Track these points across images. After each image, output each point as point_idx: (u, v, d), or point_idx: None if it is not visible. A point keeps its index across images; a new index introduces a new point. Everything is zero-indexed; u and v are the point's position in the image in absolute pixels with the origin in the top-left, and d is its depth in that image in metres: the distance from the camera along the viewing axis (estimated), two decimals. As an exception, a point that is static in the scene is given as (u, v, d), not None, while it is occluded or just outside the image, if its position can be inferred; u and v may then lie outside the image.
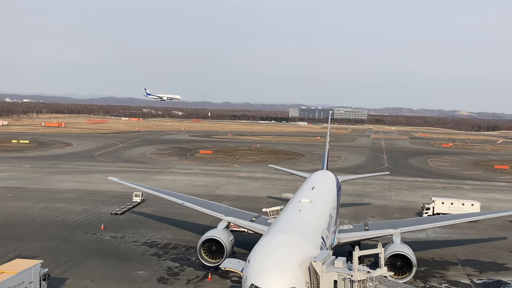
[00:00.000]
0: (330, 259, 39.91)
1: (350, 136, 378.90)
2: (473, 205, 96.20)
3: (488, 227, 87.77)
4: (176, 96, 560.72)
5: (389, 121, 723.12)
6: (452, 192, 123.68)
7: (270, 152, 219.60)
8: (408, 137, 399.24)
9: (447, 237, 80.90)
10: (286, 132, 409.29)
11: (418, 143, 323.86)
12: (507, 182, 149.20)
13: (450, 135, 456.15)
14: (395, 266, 54.88)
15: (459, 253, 72.44)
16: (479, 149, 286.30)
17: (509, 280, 61.00)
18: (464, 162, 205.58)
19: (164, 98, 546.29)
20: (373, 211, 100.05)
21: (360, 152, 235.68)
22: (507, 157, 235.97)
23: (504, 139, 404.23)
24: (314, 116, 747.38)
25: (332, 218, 59.57)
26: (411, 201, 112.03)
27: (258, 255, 40.45)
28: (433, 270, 64.13)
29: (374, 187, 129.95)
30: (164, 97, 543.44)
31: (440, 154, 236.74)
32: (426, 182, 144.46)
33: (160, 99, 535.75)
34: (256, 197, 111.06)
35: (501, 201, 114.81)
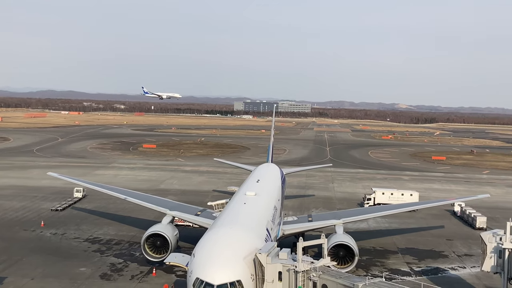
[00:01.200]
0: (274, 250, 40.31)
1: (294, 129, 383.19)
2: (412, 195, 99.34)
3: (426, 216, 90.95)
4: (175, 95, 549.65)
5: (331, 114, 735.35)
6: (392, 183, 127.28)
7: (215, 145, 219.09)
8: (350, 129, 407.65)
9: (387, 227, 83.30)
10: (231, 125, 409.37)
11: (360, 135, 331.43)
12: (444, 172, 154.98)
13: (389, 127, 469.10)
14: (338, 256, 56.07)
15: (399, 242, 74.74)
16: (417, 141, 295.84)
17: (447, 267, 63.50)
18: (403, 153, 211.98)
19: (164, 97, 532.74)
20: (316, 203, 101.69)
21: (304, 144, 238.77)
22: (444, 148, 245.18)
23: (440, 131, 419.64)
24: (259, 109, 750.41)
25: (277, 210, 60.15)
26: (353, 192, 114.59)
27: (203, 248, 40.42)
28: (375, 259, 65.92)
29: (318, 179, 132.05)
30: (164, 95, 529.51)
31: (381, 146, 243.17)
32: (367, 173, 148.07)
33: (158, 97, 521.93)
34: (201, 191, 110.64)
35: (438, 191, 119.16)
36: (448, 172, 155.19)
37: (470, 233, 79.67)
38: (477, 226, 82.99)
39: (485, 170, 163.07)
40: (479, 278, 58.77)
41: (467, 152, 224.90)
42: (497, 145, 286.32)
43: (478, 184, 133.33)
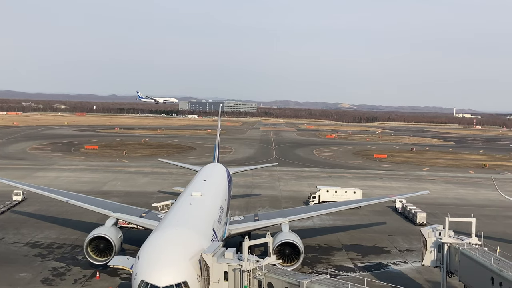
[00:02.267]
0: (220, 250, 40.22)
1: (240, 129, 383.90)
2: (355, 192, 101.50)
3: (369, 213, 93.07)
4: (172, 99, 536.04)
5: (277, 114, 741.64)
6: (336, 181, 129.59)
7: (160, 146, 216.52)
8: (295, 129, 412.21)
9: (332, 224, 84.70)
10: (176, 125, 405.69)
11: (305, 134, 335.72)
12: (386, 170, 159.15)
13: (333, 126, 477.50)
14: (284, 254, 56.49)
15: (343, 238, 76.15)
16: (360, 139, 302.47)
17: (389, 263, 65.18)
18: (346, 152, 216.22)
19: (160, 101, 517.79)
20: (263, 202, 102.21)
21: (250, 144, 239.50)
22: (385, 146, 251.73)
23: (382, 130, 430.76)
24: (204, 109, 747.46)
25: (223, 210, 60.05)
26: (299, 191, 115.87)
27: (148, 250, 39.85)
28: (320, 256, 66.88)
29: (264, 178, 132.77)
30: (160, 100, 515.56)
31: (325, 145, 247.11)
32: (312, 171, 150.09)
33: (155, 101, 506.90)
34: (145, 192, 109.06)
35: (380, 188, 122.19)
36: (389, 170, 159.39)
37: (411, 229, 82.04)
38: (417, 221, 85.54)
39: (425, 168, 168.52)
40: (420, 272, 60.62)
41: (407, 150, 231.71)
42: (435, 143, 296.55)
43: (418, 181, 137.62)
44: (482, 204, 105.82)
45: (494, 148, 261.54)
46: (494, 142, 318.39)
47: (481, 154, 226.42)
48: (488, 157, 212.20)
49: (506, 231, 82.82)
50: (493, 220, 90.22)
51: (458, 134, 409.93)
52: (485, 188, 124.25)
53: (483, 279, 42.80)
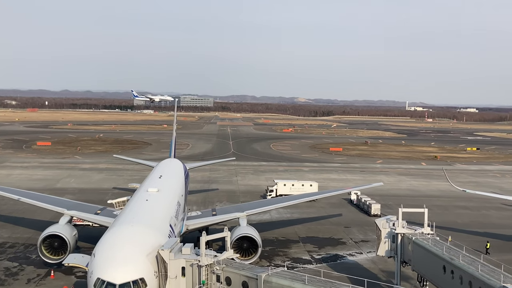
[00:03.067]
0: (177, 246, 39.99)
1: (197, 124, 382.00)
2: (312, 185, 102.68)
3: (325, 205, 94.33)
4: (167, 98, 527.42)
5: (234, 108, 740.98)
6: (293, 174, 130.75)
7: (114, 141, 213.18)
8: (252, 123, 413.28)
9: (289, 217, 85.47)
10: (131, 120, 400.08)
11: (262, 129, 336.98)
12: (341, 163, 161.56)
13: (290, 120, 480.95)
14: (242, 248, 56.72)
15: (300, 231, 76.98)
16: (316, 133, 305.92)
17: (345, 254, 66.30)
18: (303, 145, 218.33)
19: (156, 100, 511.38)
20: (220, 196, 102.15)
21: (207, 139, 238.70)
22: (341, 140, 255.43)
23: (337, 124, 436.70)
24: (160, 104, 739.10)
25: (181, 206, 59.70)
26: (256, 185, 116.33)
27: (104, 248, 39.30)
28: (277, 249, 67.42)
29: (221, 173, 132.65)
30: (156, 98, 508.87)
31: (282, 139, 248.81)
32: (269, 165, 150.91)
33: (150, 100, 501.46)
34: (100, 189, 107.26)
35: (336, 181, 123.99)
36: (344, 163, 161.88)
37: (366, 220, 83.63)
38: (372, 213, 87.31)
39: (379, 160, 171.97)
40: (375, 262, 61.93)
41: (362, 143, 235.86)
42: (389, 135, 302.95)
43: (372, 173, 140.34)
44: (434, 195, 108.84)
45: (445, 140, 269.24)
46: (445, 134, 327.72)
47: (433, 146, 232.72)
48: (439, 149, 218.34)
49: (457, 221, 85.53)
50: (444, 210, 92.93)
51: (410, 127, 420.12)
52: (437, 179, 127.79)
53: (436, 267, 44.06)
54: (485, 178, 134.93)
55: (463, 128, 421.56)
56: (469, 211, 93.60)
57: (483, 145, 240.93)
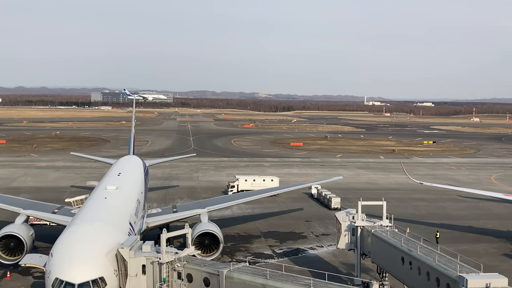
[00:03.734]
0: (137, 244, 39.52)
1: (157, 120, 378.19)
2: (273, 180, 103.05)
3: (286, 200, 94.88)
4: (161, 96, 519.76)
5: (194, 104, 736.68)
6: (254, 170, 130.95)
7: (72, 139, 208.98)
8: (213, 119, 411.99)
9: (250, 212, 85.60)
10: (88, 117, 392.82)
11: (222, 124, 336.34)
12: (302, 157, 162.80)
13: (250, 116, 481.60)
14: (204, 245, 56.42)
15: (262, 226, 77.21)
16: (276, 128, 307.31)
17: (306, 247, 66.85)
18: (264, 141, 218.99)
19: (150, 99, 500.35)
20: (181, 193, 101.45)
21: (167, 135, 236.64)
22: (301, 134, 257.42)
23: (297, 118, 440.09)
24: (118, 100, 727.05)
25: (140, 203, 58.98)
26: (217, 181, 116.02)
27: (62, 247, 38.55)
28: (239, 244, 67.45)
29: (182, 169, 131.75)
30: (149, 97, 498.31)
31: (243, 134, 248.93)
32: (230, 161, 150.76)
33: (143, 99, 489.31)
34: (58, 187, 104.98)
35: (297, 175, 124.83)
36: (305, 157, 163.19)
37: (326, 214, 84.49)
38: (332, 206, 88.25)
39: (338, 154, 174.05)
40: (336, 255, 62.66)
41: (321, 138, 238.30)
42: (348, 130, 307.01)
43: (332, 167, 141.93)
44: (392, 188, 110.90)
45: (402, 134, 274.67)
46: (402, 128, 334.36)
47: (390, 140, 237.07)
48: (397, 142, 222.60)
49: (415, 213, 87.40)
50: (402, 203, 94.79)
51: (369, 121, 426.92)
52: (395, 172, 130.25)
53: (394, 259, 44.85)
54: (441, 171, 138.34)
55: (420, 122, 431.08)
56: (426, 203, 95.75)
57: (439, 138, 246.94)
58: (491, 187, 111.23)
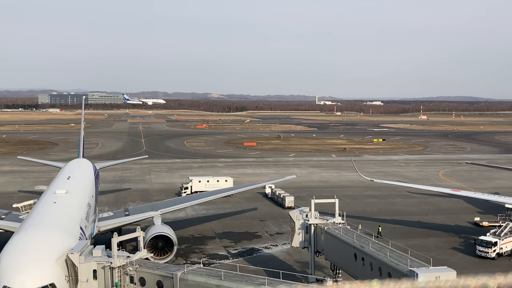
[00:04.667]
0: (88, 249, 38.70)
1: (107, 122, 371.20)
2: (227, 181, 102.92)
3: (241, 200, 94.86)
4: (160, 101, 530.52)
5: (146, 105, 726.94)
6: (208, 170, 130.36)
7: (18, 142, 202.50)
8: (165, 120, 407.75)
9: (205, 213, 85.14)
10: (36, 120, 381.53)
11: (175, 125, 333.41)
12: (255, 157, 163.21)
13: (203, 116, 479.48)
14: (157, 247, 55.76)
15: (216, 227, 76.92)
16: (230, 128, 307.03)
17: (261, 247, 67.00)
18: (217, 141, 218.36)
19: (149, 103, 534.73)
20: (133, 196, 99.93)
21: (117, 137, 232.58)
22: (254, 134, 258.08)
23: (250, 119, 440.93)
24: (66, 102, 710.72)
25: (91, 207, 57.78)
26: (170, 182, 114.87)
27: (10, 254, 37.35)
28: (193, 246, 66.96)
29: (134, 172, 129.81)
30: (149, 102, 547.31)
31: (196, 135, 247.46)
32: (183, 162, 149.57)
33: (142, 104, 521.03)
34: (4, 192, 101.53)
35: (251, 175, 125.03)
36: (259, 157, 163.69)
37: (280, 213, 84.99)
38: (286, 205, 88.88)
39: (291, 153, 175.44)
40: (290, 254, 63.07)
41: (274, 137, 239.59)
42: (300, 129, 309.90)
43: (285, 166, 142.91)
44: (344, 185, 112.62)
45: (353, 133, 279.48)
46: (353, 127, 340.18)
47: (342, 138, 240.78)
48: (348, 141, 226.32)
49: (366, 209, 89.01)
50: (354, 200, 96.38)
51: (320, 120, 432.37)
52: (346, 170, 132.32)
53: (347, 255, 45.49)
54: (391, 168, 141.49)
55: (370, 120, 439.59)
56: (377, 200, 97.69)
57: (389, 136, 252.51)
58: (439, 183, 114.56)
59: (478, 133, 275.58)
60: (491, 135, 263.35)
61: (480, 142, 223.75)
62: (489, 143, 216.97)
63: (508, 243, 63.35)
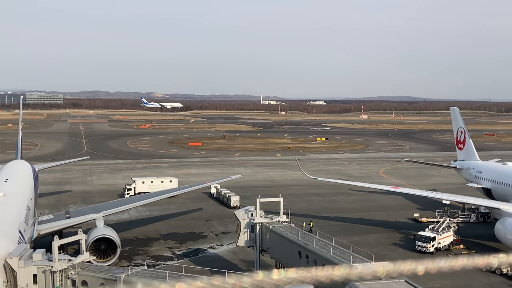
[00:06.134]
0: (27, 253, 37.53)
1: (46, 122, 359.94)
2: (171, 181, 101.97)
3: (186, 200, 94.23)
4: (178, 104, 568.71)
5: (86, 105, 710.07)
6: (152, 171, 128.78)
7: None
8: (107, 120, 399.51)
9: (149, 215, 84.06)
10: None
11: (117, 125, 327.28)
12: (200, 157, 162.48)
13: (147, 116, 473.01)
14: (100, 250, 54.71)
15: (161, 228, 76.10)
16: (174, 128, 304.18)
17: (206, 247, 66.81)
18: (161, 141, 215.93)
19: (168, 107, 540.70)
20: (75, 198, 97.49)
21: (57, 138, 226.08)
22: (199, 134, 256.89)
23: (195, 118, 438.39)
24: (3, 102, 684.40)
25: (30, 210, 55.95)
26: (113, 184, 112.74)
27: None
28: (137, 248, 66.00)
29: (75, 173, 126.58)
30: (167, 105, 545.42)
31: (139, 135, 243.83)
32: (127, 163, 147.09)
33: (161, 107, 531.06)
34: None
35: (196, 175, 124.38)
36: (204, 157, 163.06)
37: (226, 212, 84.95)
38: (231, 205, 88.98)
39: (237, 153, 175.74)
40: (235, 253, 63.21)
41: (220, 137, 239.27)
42: (245, 129, 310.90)
43: (231, 166, 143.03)
44: (289, 184, 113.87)
45: (297, 132, 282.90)
46: (297, 126, 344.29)
47: (286, 137, 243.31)
48: (292, 140, 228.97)
49: (310, 207, 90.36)
50: (298, 198, 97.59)
51: (265, 120, 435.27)
52: (291, 169, 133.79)
53: (292, 253, 46.07)
54: (333, 166, 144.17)
55: (313, 120, 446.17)
56: (321, 198, 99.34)
57: (331, 135, 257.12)
58: (379, 180, 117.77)
59: (417, 132, 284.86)
60: (429, 133, 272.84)
61: (418, 140, 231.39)
62: (427, 142, 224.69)
63: (445, 238, 65.85)
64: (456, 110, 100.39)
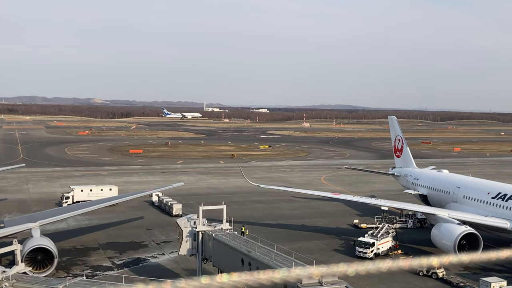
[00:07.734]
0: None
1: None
2: (111, 189, 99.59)
3: (126, 209, 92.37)
4: (197, 114, 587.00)
5: (22, 111, 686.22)
6: (91, 179, 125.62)
7: None
8: (44, 126, 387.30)
9: (87, 224, 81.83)
10: None
11: (55, 132, 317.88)
12: (142, 165, 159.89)
13: (86, 123, 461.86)
14: (37, 261, 52.82)
15: (100, 237, 74.19)
16: (114, 135, 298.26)
17: (147, 256, 65.60)
18: (101, 148, 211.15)
19: (189, 117, 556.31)
20: (9, 207, 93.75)
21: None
22: (141, 141, 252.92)
23: (137, 125, 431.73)
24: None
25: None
26: (50, 192, 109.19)
27: None
28: (76, 258, 64.05)
29: (10, 181, 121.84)
30: (188, 115, 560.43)
31: (78, 142, 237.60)
32: (64, 171, 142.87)
33: (182, 117, 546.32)
34: None
35: (137, 183, 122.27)
36: (145, 164, 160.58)
37: (168, 221, 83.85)
38: (173, 213, 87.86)
39: (179, 160, 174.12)
40: (177, 262, 62.39)
41: (162, 144, 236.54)
42: (188, 136, 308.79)
43: (173, 173, 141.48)
44: (232, 191, 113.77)
45: (240, 139, 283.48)
46: (240, 133, 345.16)
47: (230, 145, 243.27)
48: (236, 147, 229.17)
49: (253, 214, 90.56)
50: (242, 205, 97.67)
51: (208, 127, 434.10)
52: (234, 176, 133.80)
53: (234, 261, 45.97)
54: (276, 173, 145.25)
55: (257, 127, 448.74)
56: (264, 205, 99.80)
57: (274, 142, 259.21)
58: (321, 187, 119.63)
59: (356, 140, 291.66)
60: (368, 141, 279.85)
61: (358, 148, 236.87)
62: (366, 149, 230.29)
63: (384, 243, 67.47)
64: (394, 118, 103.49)
